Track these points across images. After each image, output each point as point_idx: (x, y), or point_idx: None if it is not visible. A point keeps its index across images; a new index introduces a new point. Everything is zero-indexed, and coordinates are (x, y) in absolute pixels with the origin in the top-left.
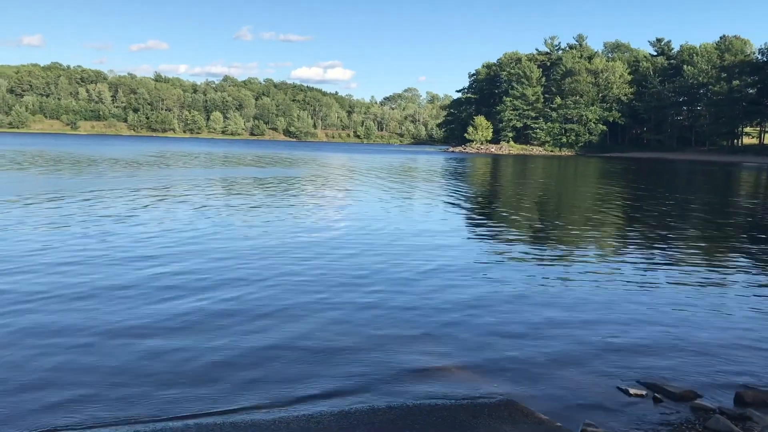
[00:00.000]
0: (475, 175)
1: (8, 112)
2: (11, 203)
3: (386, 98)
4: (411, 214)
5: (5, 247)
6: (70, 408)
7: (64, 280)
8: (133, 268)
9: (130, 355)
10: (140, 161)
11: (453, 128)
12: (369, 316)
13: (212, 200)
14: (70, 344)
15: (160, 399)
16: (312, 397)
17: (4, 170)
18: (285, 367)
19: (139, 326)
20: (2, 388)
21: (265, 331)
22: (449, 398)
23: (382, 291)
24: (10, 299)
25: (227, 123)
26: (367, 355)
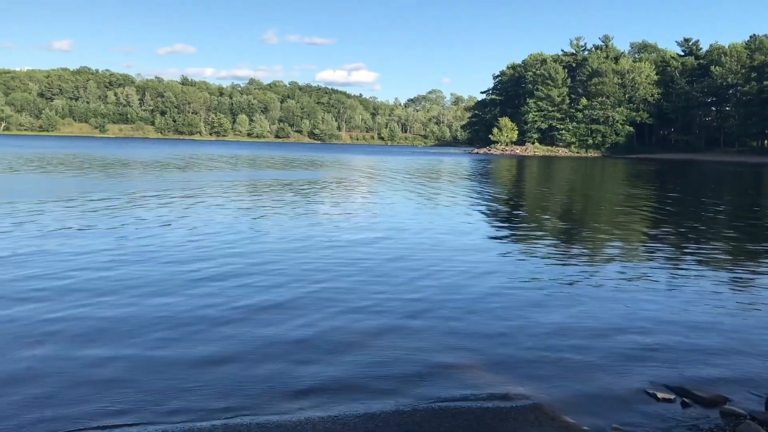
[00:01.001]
0: (501, 177)
1: (38, 116)
2: (46, 204)
3: (410, 100)
4: (437, 217)
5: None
6: (107, 404)
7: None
8: (175, 271)
9: (161, 352)
10: (173, 164)
11: (477, 130)
12: (393, 317)
13: (242, 203)
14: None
15: (187, 400)
16: (337, 397)
17: (44, 173)
18: (309, 366)
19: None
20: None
21: (288, 331)
22: (475, 400)
23: (408, 291)
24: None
25: (253, 126)
26: (391, 355)
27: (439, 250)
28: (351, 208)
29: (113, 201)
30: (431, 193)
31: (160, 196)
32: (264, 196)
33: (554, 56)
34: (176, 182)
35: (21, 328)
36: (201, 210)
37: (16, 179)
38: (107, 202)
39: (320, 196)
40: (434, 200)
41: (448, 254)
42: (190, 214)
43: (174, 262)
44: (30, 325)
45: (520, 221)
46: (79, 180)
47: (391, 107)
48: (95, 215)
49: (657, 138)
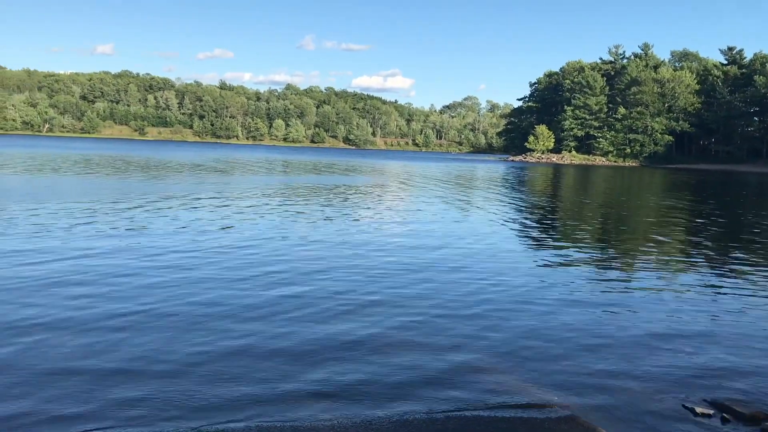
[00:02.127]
0: (537, 185)
1: (80, 118)
2: (97, 206)
3: (445, 106)
4: (471, 224)
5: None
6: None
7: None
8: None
9: (205, 352)
10: (215, 167)
11: (513, 137)
12: (424, 322)
13: (287, 207)
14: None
15: (224, 399)
16: (370, 401)
17: (92, 175)
18: (342, 370)
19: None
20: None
21: (319, 336)
22: (508, 409)
23: (440, 298)
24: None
25: (289, 130)
26: (423, 360)
27: (472, 255)
28: (390, 213)
29: (164, 203)
30: (467, 200)
31: (210, 198)
32: (306, 201)
33: (592, 64)
34: (221, 185)
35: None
36: (255, 214)
37: (69, 181)
38: (159, 203)
39: (364, 201)
40: (470, 208)
41: (482, 260)
42: (244, 217)
43: (244, 267)
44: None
45: (556, 230)
46: (129, 182)
47: (426, 113)
48: (154, 217)
49: (697, 148)
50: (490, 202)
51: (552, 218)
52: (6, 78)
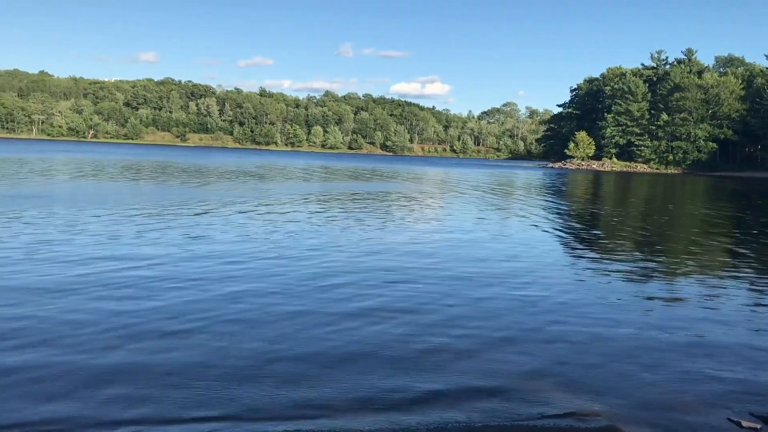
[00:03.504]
0: (577, 192)
1: (124, 124)
2: (151, 210)
3: (484, 113)
4: (511, 231)
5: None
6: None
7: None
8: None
9: (253, 351)
10: (264, 174)
11: (552, 143)
12: (461, 330)
13: (337, 214)
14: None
15: (284, 402)
16: (406, 407)
17: (151, 181)
18: (376, 375)
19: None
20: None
21: (358, 341)
22: (548, 419)
23: (478, 302)
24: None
25: (327, 137)
26: (461, 365)
27: (511, 263)
28: (438, 221)
29: (224, 210)
30: (509, 207)
31: (265, 205)
32: (358, 208)
33: (634, 70)
34: (272, 192)
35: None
36: (314, 222)
37: (125, 187)
38: (220, 210)
39: (413, 209)
40: (510, 215)
41: (521, 268)
42: (304, 225)
43: (320, 276)
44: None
45: (596, 237)
46: (185, 188)
47: (464, 120)
48: (218, 223)
49: (742, 155)
50: (532, 209)
51: (594, 226)
52: (53, 85)
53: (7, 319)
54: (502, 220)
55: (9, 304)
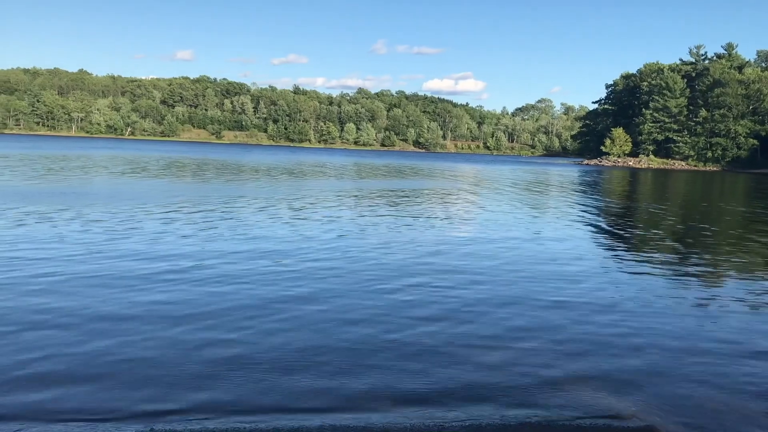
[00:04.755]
0: (614, 190)
1: (161, 122)
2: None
3: (518, 109)
4: (549, 229)
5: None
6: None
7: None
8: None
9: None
10: (300, 170)
11: (588, 140)
12: (497, 328)
13: (384, 212)
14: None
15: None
16: (440, 403)
17: (195, 179)
18: (412, 372)
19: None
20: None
21: (392, 340)
22: (584, 419)
23: (515, 300)
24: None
25: (360, 134)
26: (494, 362)
27: (548, 262)
28: (467, 218)
29: (276, 208)
30: (541, 204)
31: (307, 201)
32: (390, 205)
33: (672, 65)
34: (310, 188)
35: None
36: (365, 221)
37: (170, 184)
38: (271, 209)
39: (450, 205)
40: (545, 212)
41: (559, 267)
42: (357, 223)
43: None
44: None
45: (635, 236)
46: (232, 185)
47: (497, 116)
48: (273, 222)
49: None
50: (570, 206)
51: (630, 224)
52: (92, 83)
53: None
54: (548, 218)
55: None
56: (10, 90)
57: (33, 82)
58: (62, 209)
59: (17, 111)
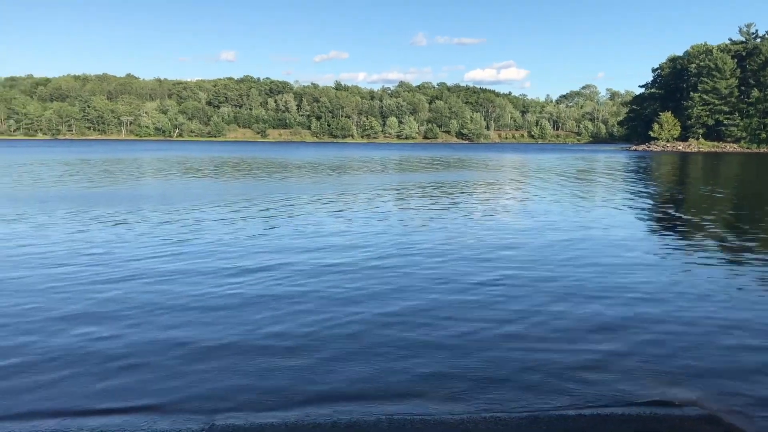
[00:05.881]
0: (662, 176)
1: (207, 122)
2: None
3: (562, 96)
4: (594, 217)
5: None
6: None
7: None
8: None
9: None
10: (349, 166)
11: (635, 125)
12: (550, 315)
13: (396, 204)
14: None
15: (357, 391)
16: (495, 394)
17: (254, 177)
18: (467, 363)
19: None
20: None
21: (445, 330)
22: (642, 406)
23: (567, 289)
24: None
25: (402, 127)
26: (549, 353)
27: (603, 250)
28: (524, 209)
29: (336, 204)
30: (594, 192)
31: (361, 197)
32: (445, 197)
33: (720, 46)
34: (361, 184)
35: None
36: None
37: (229, 183)
38: (330, 205)
39: (494, 196)
40: (601, 200)
41: (614, 254)
42: (423, 216)
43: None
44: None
45: (688, 223)
46: (280, 182)
47: (541, 104)
48: (328, 217)
49: None
50: (624, 193)
51: (684, 211)
52: (139, 87)
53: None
54: (604, 206)
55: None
56: (62, 97)
57: (83, 88)
58: (132, 211)
59: (69, 117)
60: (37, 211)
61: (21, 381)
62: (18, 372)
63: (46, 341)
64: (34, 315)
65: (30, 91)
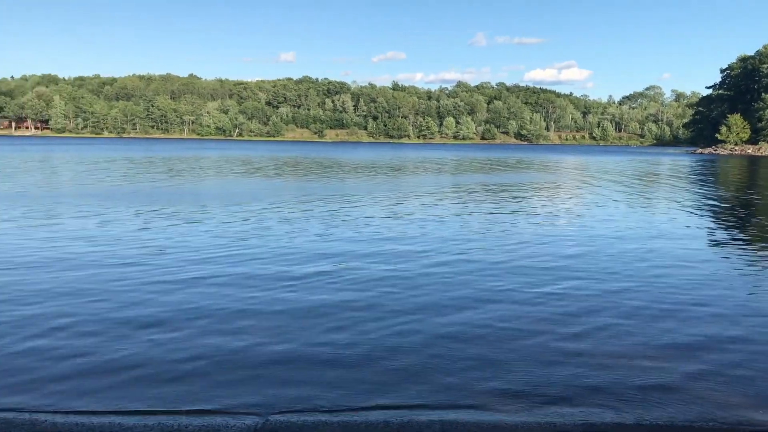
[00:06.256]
0: (731, 180)
1: (266, 122)
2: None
3: (625, 97)
4: (663, 225)
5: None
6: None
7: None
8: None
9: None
10: (407, 166)
11: (701, 128)
12: (619, 328)
13: (472, 206)
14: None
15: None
16: (553, 401)
17: (318, 177)
18: (531, 370)
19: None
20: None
21: (507, 342)
22: (708, 422)
23: (637, 303)
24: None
25: (459, 128)
26: (614, 365)
27: (676, 263)
28: (588, 214)
29: (407, 204)
30: (656, 198)
31: (423, 198)
32: (510, 199)
33: None
34: (424, 184)
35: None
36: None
37: (295, 183)
38: (404, 204)
39: (557, 200)
40: (662, 206)
41: (684, 266)
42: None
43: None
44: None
45: (764, 231)
46: (346, 181)
47: (603, 105)
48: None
49: None
50: (689, 199)
51: (759, 219)
52: (201, 87)
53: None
54: (668, 215)
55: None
56: (127, 96)
57: (147, 87)
58: (198, 210)
59: (134, 116)
60: (106, 209)
61: (84, 381)
62: (82, 373)
63: (110, 343)
64: (98, 315)
65: (97, 90)
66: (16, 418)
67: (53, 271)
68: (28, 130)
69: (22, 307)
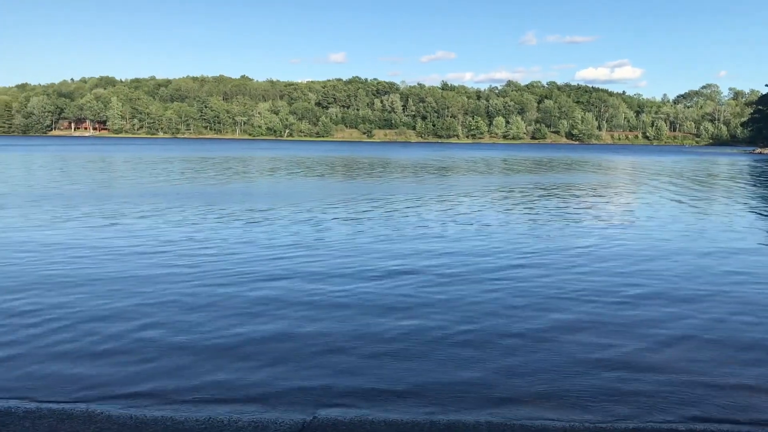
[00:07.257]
0: None
1: (316, 123)
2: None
3: (680, 96)
4: (714, 228)
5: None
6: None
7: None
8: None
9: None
10: (458, 166)
11: (761, 127)
12: (668, 329)
13: (495, 208)
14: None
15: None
16: (601, 405)
17: (372, 177)
18: (577, 373)
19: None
20: None
21: (562, 341)
22: (755, 425)
23: (685, 303)
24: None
25: (509, 127)
26: (656, 367)
27: (713, 266)
28: (613, 217)
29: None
30: (718, 200)
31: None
32: (557, 201)
33: None
34: (480, 184)
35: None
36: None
37: (351, 183)
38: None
39: (608, 201)
40: (737, 208)
41: (731, 270)
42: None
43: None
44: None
45: None
46: (397, 181)
47: (657, 104)
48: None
49: None
50: (735, 204)
51: None
52: (253, 88)
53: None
54: (730, 216)
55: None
56: (181, 97)
57: (201, 89)
58: (258, 209)
59: (188, 116)
60: (166, 207)
61: (137, 368)
62: (136, 361)
63: (167, 336)
64: (158, 307)
65: (152, 91)
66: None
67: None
68: (86, 131)
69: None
